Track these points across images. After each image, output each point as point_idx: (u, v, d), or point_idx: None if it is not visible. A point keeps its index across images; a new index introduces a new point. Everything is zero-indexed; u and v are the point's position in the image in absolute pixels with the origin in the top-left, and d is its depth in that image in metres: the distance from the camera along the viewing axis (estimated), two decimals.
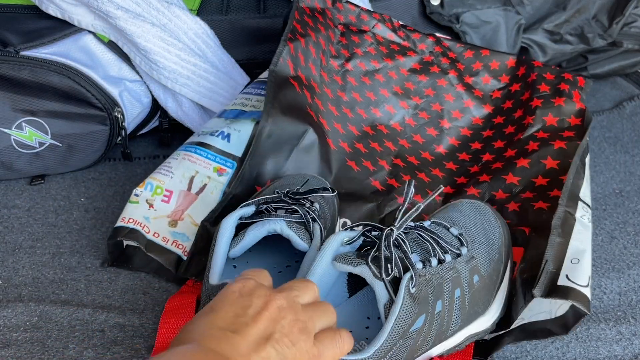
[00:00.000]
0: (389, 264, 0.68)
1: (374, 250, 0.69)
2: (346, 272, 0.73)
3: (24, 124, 1.05)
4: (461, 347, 0.77)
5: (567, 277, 0.80)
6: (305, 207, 0.80)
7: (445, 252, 0.73)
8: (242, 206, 0.80)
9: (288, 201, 0.81)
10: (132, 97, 1.12)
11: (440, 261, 0.72)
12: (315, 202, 0.82)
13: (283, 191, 0.83)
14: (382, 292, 0.68)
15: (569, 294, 0.78)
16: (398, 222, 0.72)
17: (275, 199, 0.81)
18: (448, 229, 0.77)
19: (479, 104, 1.09)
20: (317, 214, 0.79)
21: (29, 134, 1.06)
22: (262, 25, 1.19)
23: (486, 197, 0.96)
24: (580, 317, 0.79)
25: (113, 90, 1.09)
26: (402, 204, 0.73)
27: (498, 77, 1.11)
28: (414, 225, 0.74)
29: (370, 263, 0.68)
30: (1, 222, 1.01)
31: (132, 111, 1.13)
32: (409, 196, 0.73)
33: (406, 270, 0.68)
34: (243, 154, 0.95)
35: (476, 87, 1.10)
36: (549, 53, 1.33)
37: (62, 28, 1.09)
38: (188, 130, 1.16)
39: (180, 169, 0.95)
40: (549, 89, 1.05)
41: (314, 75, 1.01)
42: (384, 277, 0.67)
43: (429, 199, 0.75)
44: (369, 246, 0.71)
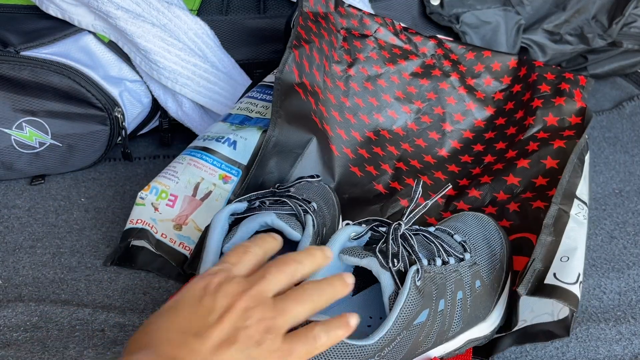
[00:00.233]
0: (396, 256, 0.69)
1: (381, 242, 0.71)
2: (352, 266, 0.74)
3: (24, 124, 1.05)
4: (461, 351, 0.78)
5: (555, 275, 0.80)
6: (296, 199, 0.80)
7: (449, 255, 0.74)
8: (235, 202, 0.80)
9: (279, 194, 0.81)
10: (132, 97, 1.12)
11: (444, 262, 0.74)
12: (312, 201, 0.82)
13: (274, 186, 0.84)
14: (389, 282, 0.69)
15: (554, 292, 0.78)
16: (406, 218, 0.73)
17: (267, 193, 0.82)
18: (452, 236, 0.79)
19: (481, 106, 1.09)
20: (310, 208, 0.80)
21: (29, 134, 1.06)
22: (262, 25, 1.19)
23: (488, 198, 0.97)
24: (572, 314, 0.79)
25: (113, 91, 1.09)
26: (410, 201, 0.74)
27: (500, 78, 1.11)
28: (418, 228, 0.75)
29: (377, 253, 0.69)
30: (1, 222, 1.01)
31: (132, 111, 1.13)
32: (417, 194, 0.74)
33: (412, 265, 0.70)
34: (249, 163, 0.95)
35: (478, 89, 1.10)
36: (548, 53, 1.33)
37: (63, 28, 1.09)
38: (188, 131, 1.16)
39: (185, 174, 0.95)
40: (550, 89, 1.05)
41: (318, 81, 1.01)
42: (391, 266, 0.69)
43: (438, 195, 0.77)
44: (376, 241, 0.72)
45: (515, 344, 0.81)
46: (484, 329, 0.79)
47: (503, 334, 0.82)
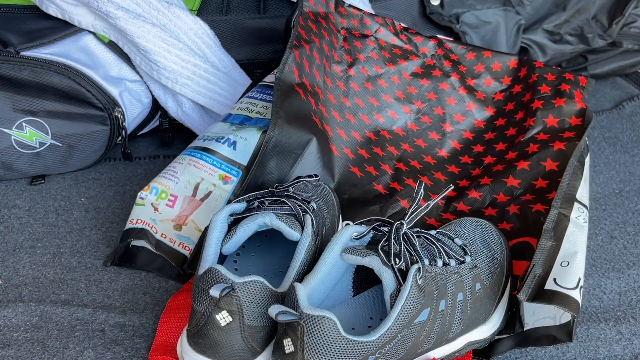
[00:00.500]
0: (398, 255, 0.70)
1: (383, 241, 0.71)
2: (353, 266, 0.75)
3: (24, 124, 1.05)
4: (461, 354, 0.78)
5: (555, 280, 0.80)
6: (295, 199, 0.80)
7: (449, 257, 0.75)
8: (234, 202, 0.80)
9: (278, 195, 0.81)
10: (133, 97, 1.12)
11: (445, 264, 0.74)
12: (312, 201, 0.82)
13: (273, 187, 0.84)
14: (390, 280, 0.69)
15: (553, 298, 0.78)
16: (408, 217, 0.73)
17: (266, 194, 0.82)
18: (452, 239, 0.79)
19: (481, 106, 1.09)
20: (310, 208, 0.80)
21: (29, 134, 1.06)
22: (262, 25, 1.19)
23: (487, 200, 0.96)
24: (574, 320, 0.79)
25: (113, 91, 1.09)
26: (411, 202, 0.74)
27: (500, 79, 1.11)
28: (419, 230, 0.75)
29: (379, 251, 0.70)
30: (1, 222, 1.01)
31: (133, 111, 1.13)
32: (419, 195, 0.74)
33: (413, 264, 0.70)
34: (249, 163, 0.95)
35: (478, 90, 1.10)
36: (548, 53, 1.33)
37: (63, 28, 1.09)
38: (188, 131, 1.16)
39: (185, 174, 0.95)
40: (550, 89, 1.05)
41: (318, 81, 1.01)
42: (393, 264, 0.69)
43: (440, 196, 0.77)
44: (378, 242, 0.73)
45: (517, 347, 0.81)
46: (484, 331, 0.79)
47: (504, 336, 0.82)
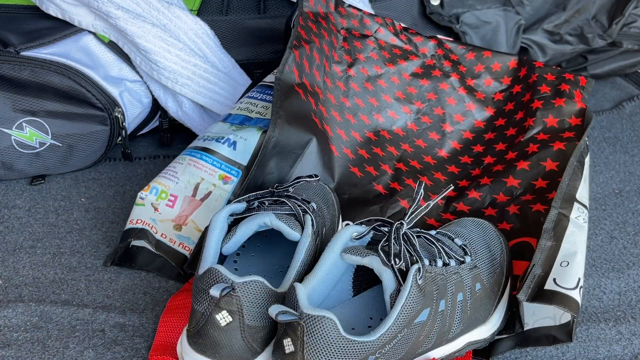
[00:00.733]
0: (398, 255, 0.70)
1: (383, 241, 0.71)
2: (353, 266, 0.75)
3: (24, 124, 1.05)
4: (461, 354, 0.78)
5: (555, 281, 0.80)
6: (295, 200, 0.80)
7: (449, 257, 0.75)
8: (234, 202, 0.80)
9: (278, 195, 0.81)
10: (133, 97, 1.12)
11: (445, 264, 0.74)
12: (312, 201, 0.82)
13: (273, 187, 0.84)
14: (390, 280, 0.69)
15: (553, 298, 0.78)
16: (408, 217, 0.73)
17: (266, 194, 0.82)
18: (452, 240, 0.79)
19: (481, 106, 1.09)
20: (310, 209, 0.80)
21: (29, 134, 1.06)
22: (262, 25, 1.19)
23: (487, 200, 0.96)
24: (574, 320, 0.79)
25: (113, 91, 1.09)
26: (411, 202, 0.74)
27: (500, 79, 1.11)
28: (419, 230, 0.75)
29: (379, 251, 0.70)
30: (2, 222, 1.01)
31: (133, 111, 1.13)
32: (419, 195, 0.74)
33: (413, 264, 0.70)
34: (249, 163, 0.95)
35: (478, 90, 1.10)
36: (548, 53, 1.33)
37: (63, 28, 1.09)
38: (188, 131, 1.16)
39: (185, 174, 0.95)
40: (550, 89, 1.05)
41: (318, 81, 1.01)
42: (393, 264, 0.69)
43: (440, 196, 0.77)
44: (378, 242, 0.73)
45: (517, 347, 0.81)
46: (483, 332, 0.79)
47: (504, 337, 0.82)
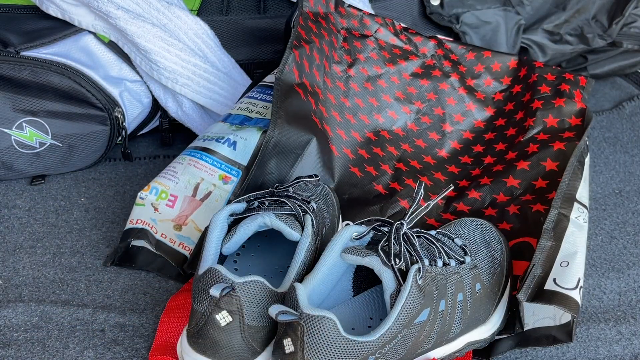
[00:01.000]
0: (398, 255, 0.70)
1: (383, 241, 0.71)
2: (353, 266, 0.75)
3: (24, 124, 1.05)
4: (461, 354, 0.78)
5: (555, 281, 0.80)
6: (295, 200, 0.80)
7: (449, 257, 0.75)
8: (234, 202, 0.80)
9: (278, 195, 0.81)
10: (133, 97, 1.12)
11: (445, 264, 0.74)
12: (312, 201, 0.82)
13: (273, 187, 0.84)
14: (390, 280, 0.69)
15: (553, 298, 0.78)
16: (408, 217, 0.73)
17: (265, 194, 0.82)
18: (452, 240, 0.79)
19: (481, 106, 1.09)
20: (310, 209, 0.80)
21: (29, 134, 1.06)
22: (263, 25, 1.19)
23: (487, 200, 0.96)
24: (574, 320, 0.79)
25: (113, 91, 1.09)
26: (411, 202, 0.74)
27: (500, 79, 1.11)
28: (419, 231, 0.75)
29: (380, 251, 0.70)
30: (2, 222, 1.01)
31: (133, 111, 1.13)
32: (419, 196, 0.74)
33: (413, 264, 0.70)
34: (249, 163, 0.95)
35: (478, 90, 1.10)
36: (548, 53, 1.33)
37: (63, 28, 1.09)
38: (188, 131, 1.16)
39: (185, 174, 0.95)
40: (550, 89, 1.05)
41: (318, 81, 1.01)
42: (393, 264, 0.69)
43: (440, 196, 0.77)
44: (378, 242, 0.73)
45: (517, 347, 0.81)
46: (483, 332, 0.79)
47: (504, 337, 0.82)
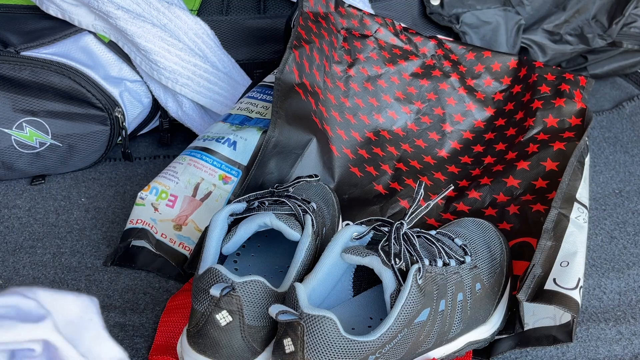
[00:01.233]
0: (398, 255, 0.70)
1: (383, 241, 0.71)
2: (354, 266, 0.75)
3: (24, 124, 1.05)
4: (461, 354, 0.78)
5: (554, 281, 0.80)
6: (295, 200, 0.80)
7: (450, 257, 0.75)
8: (234, 202, 0.80)
9: (278, 195, 0.82)
10: (133, 97, 1.12)
11: (445, 264, 0.74)
12: (312, 201, 0.82)
13: (273, 187, 0.84)
14: (390, 280, 0.69)
15: (553, 298, 0.78)
16: (408, 217, 0.74)
17: (265, 194, 0.82)
18: (452, 240, 0.79)
19: (481, 106, 1.09)
20: (310, 209, 0.80)
21: (29, 134, 1.06)
22: (263, 25, 1.19)
23: (487, 200, 0.96)
24: (574, 320, 0.79)
25: (113, 91, 1.09)
26: (411, 202, 0.74)
27: (500, 79, 1.11)
28: (419, 231, 0.76)
29: (380, 251, 0.70)
30: (2, 222, 1.01)
31: (133, 111, 1.13)
32: (419, 196, 0.75)
33: (413, 264, 0.70)
34: (249, 163, 0.95)
35: (478, 90, 1.10)
36: (548, 53, 1.33)
37: (63, 28, 1.09)
38: (188, 131, 1.16)
39: (185, 174, 0.96)
40: (550, 89, 1.05)
41: (318, 81, 1.01)
42: (393, 264, 0.69)
43: (440, 196, 0.77)
44: (378, 242, 0.73)
45: (517, 347, 0.81)
46: (483, 332, 0.79)
47: (504, 337, 0.82)
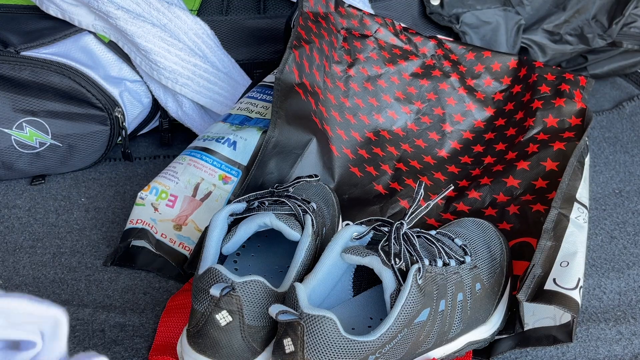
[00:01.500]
0: (398, 255, 0.70)
1: (383, 241, 0.71)
2: (353, 266, 0.75)
3: (24, 124, 1.05)
4: (461, 354, 0.78)
5: (554, 281, 0.80)
6: (295, 200, 0.80)
7: (449, 257, 0.75)
8: (234, 202, 0.80)
9: (278, 195, 0.82)
10: (133, 97, 1.12)
11: (445, 264, 0.74)
12: (312, 201, 0.82)
13: (273, 187, 0.84)
14: (390, 280, 0.69)
15: (553, 298, 0.78)
16: (408, 217, 0.74)
17: (266, 194, 0.82)
18: (452, 240, 0.79)
19: (481, 106, 1.09)
20: (310, 209, 0.80)
21: (29, 134, 1.06)
22: (262, 25, 1.19)
23: (487, 200, 0.96)
24: (574, 320, 0.79)
25: (113, 91, 1.09)
26: (411, 202, 0.74)
27: (500, 79, 1.11)
28: (419, 231, 0.76)
29: (380, 251, 0.70)
30: (2, 222, 1.01)
31: (133, 111, 1.13)
32: (419, 196, 0.75)
33: (414, 264, 0.70)
34: (249, 163, 0.95)
35: (478, 90, 1.10)
36: (548, 53, 1.33)
37: (63, 28, 1.09)
38: (188, 131, 1.16)
39: (185, 174, 0.96)
40: (550, 89, 1.05)
41: (318, 81, 1.01)
42: (393, 264, 0.69)
43: (440, 196, 0.77)
44: (378, 242, 0.73)
45: (517, 347, 0.81)
46: (483, 332, 0.79)
47: (504, 337, 0.82)
